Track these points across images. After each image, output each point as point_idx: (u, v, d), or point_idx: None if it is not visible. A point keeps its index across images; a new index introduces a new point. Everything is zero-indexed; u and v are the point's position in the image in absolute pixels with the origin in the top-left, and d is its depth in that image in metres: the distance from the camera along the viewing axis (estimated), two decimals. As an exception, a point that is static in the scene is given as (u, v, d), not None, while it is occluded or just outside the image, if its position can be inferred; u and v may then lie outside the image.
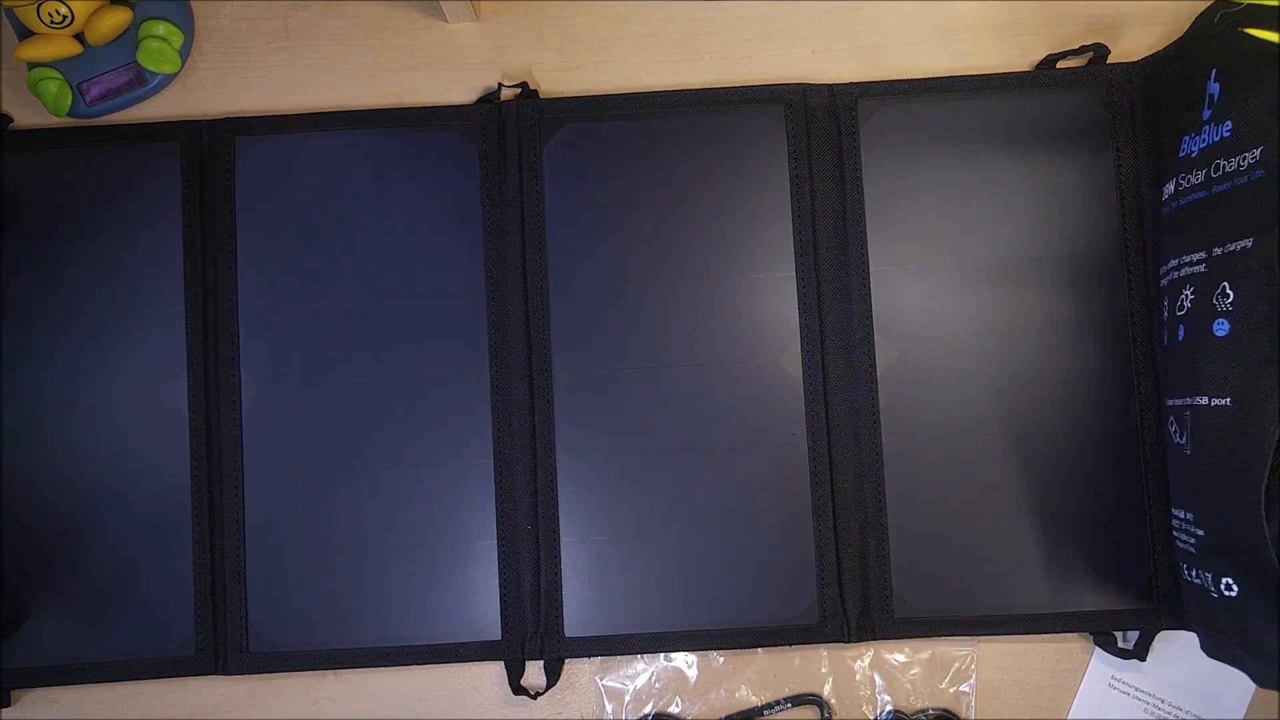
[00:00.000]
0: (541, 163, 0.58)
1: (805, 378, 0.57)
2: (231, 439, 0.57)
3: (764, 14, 0.61)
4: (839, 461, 0.57)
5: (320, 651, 0.56)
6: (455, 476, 0.57)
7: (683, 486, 0.56)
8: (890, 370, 0.57)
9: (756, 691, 0.57)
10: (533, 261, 0.58)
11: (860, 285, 0.57)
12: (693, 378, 0.57)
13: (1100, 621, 0.55)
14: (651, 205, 0.58)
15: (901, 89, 0.58)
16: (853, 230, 0.57)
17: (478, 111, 0.59)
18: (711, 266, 0.58)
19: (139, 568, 0.56)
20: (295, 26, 0.61)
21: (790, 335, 0.57)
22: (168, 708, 0.57)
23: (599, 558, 0.56)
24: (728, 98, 0.59)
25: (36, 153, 0.59)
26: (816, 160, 0.58)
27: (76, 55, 0.59)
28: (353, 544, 0.56)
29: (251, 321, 0.58)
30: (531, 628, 0.56)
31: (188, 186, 0.58)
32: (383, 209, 0.58)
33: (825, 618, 0.56)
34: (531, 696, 0.56)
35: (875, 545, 0.56)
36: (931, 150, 0.57)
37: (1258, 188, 0.46)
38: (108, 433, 0.57)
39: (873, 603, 0.56)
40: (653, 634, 0.56)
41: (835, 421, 0.57)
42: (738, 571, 0.56)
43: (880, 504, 0.56)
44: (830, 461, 0.56)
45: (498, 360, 0.57)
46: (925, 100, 0.58)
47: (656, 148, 0.58)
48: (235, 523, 0.56)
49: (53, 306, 0.58)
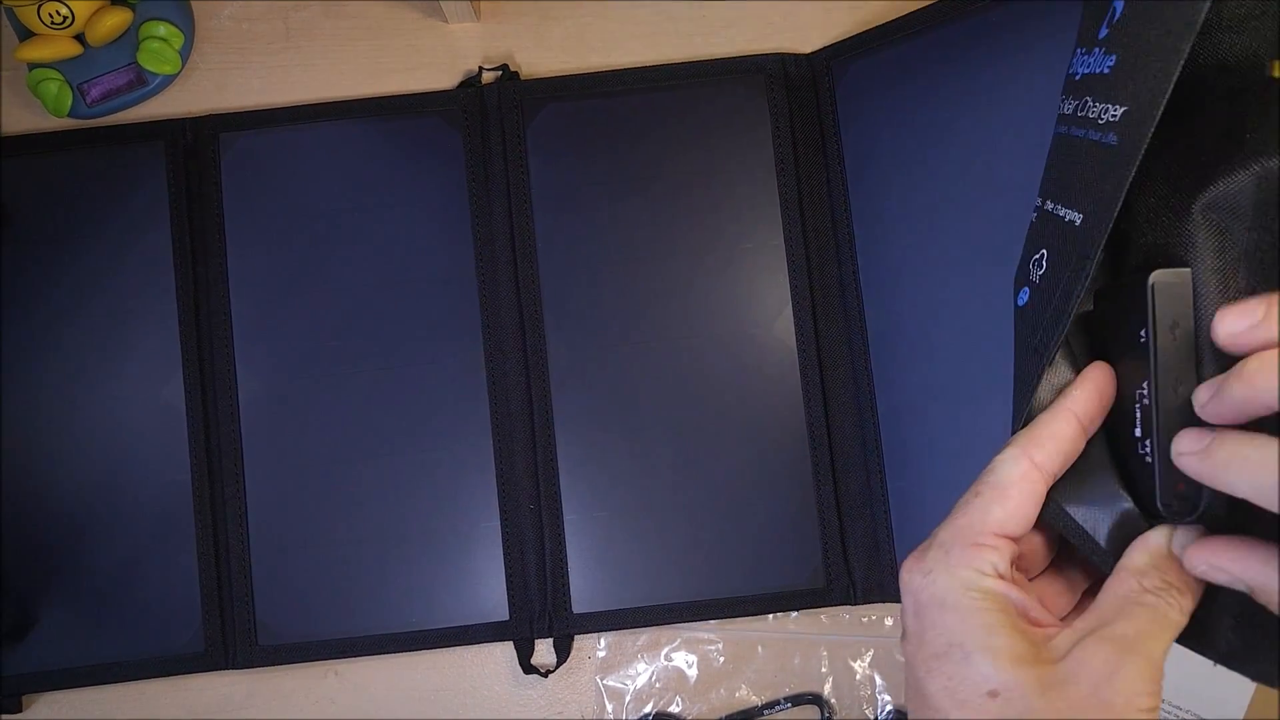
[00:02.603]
0: (525, 144, 0.58)
1: (799, 344, 0.57)
2: (230, 434, 0.57)
3: (764, 14, 0.60)
4: (836, 425, 0.57)
5: (328, 641, 0.56)
6: (455, 460, 0.57)
7: (683, 458, 0.56)
8: (880, 331, 0.57)
9: (757, 691, 0.57)
10: (521, 243, 0.58)
11: (847, 248, 0.57)
12: (687, 350, 0.57)
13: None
14: (638, 181, 0.58)
15: (870, 39, 0.58)
16: (836, 192, 0.58)
17: (460, 96, 0.59)
18: (700, 238, 0.58)
19: (143, 567, 0.56)
20: (295, 27, 0.61)
21: (782, 303, 0.57)
22: (168, 708, 0.57)
23: (603, 533, 0.56)
24: (708, 70, 0.59)
25: (25, 157, 0.59)
26: (798, 126, 0.58)
27: (77, 56, 0.59)
28: (356, 533, 0.56)
29: (245, 316, 0.58)
30: (539, 606, 0.56)
31: (174, 184, 0.59)
32: (370, 198, 0.59)
33: (831, 581, 0.56)
34: (543, 675, 0.56)
35: (878, 507, 0.56)
36: (905, 93, 0.57)
37: (1104, 155, 0.33)
38: (107, 433, 0.57)
39: (879, 564, 0.56)
40: (660, 606, 0.56)
41: (831, 386, 0.57)
42: (742, 540, 0.56)
43: (879, 465, 0.56)
44: (828, 426, 0.57)
45: (492, 343, 0.57)
46: (892, 46, 0.57)
47: (639, 124, 0.59)
48: (238, 517, 0.57)
49: (47, 310, 0.58)
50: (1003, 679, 0.30)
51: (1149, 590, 0.31)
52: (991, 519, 0.32)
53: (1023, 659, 0.30)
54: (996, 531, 0.32)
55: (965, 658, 0.31)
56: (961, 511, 0.33)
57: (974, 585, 0.31)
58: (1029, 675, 0.30)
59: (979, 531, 0.32)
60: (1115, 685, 0.29)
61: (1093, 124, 0.34)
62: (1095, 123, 0.33)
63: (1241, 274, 0.31)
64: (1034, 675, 0.30)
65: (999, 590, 0.31)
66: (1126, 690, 0.29)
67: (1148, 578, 0.31)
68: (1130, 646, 0.30)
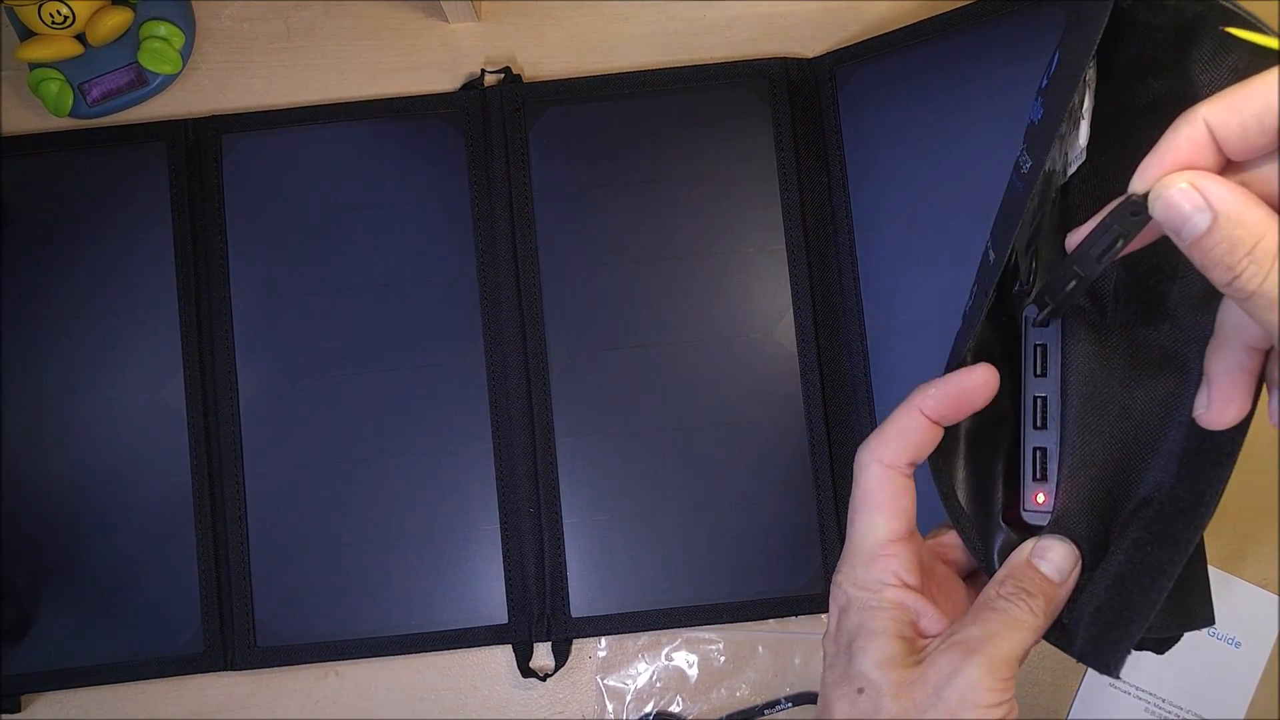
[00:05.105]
0: (528, 147, 0.58)
1: (800, 349, 0.57)
2: (230, 435, 0.57)
3: (765, 16, 0.61)
4: (836, 430, 0.57)
5: (327, 643, 0.56)
6: (455, 463, 0.57)
7: (683, 463, 0.56)
8: (879, 338, 0.57)
9: (757, 691, 0.57)
10: (523, 246, 0.58)
11: (847, 253, 0.57)
12: (688, 354, 0.57)
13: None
14: (639, 185, 0.58)
15: (876, 46, 0.58)
16: (837, 198, 0.58)
17: (462, 99, 0.59)
18: (701, 243, 0.58)
19: (143, 567, 0.56)
20: (296, 27, 0.61)
21: (783, 307, 0.57)
22: (168, 708, 0.57)
23: (602, 537, 0.56)
24: (711, 74, 0.59)
25: (26, 157, 0.59)
26: (800, 131, 0.58)
27: (78, 56, 0.59)
28: (356, 535, 0.57)
29: (246, 317, 0.58)
30: (538, 610, 0.56)
31: (175, 184, 0.59)
32: (372, 199, 0.58)
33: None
34: (541, 678, 0.56)
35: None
36: (908, 102, 0.57)
37: (1010, 205, 0.35)
38: (107, 433, 0.57)
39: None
40: (659, 610, 0.56)
41: (831, 391, 0.57)
42: (742, 544, 0.56)
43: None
44: (828, 431, 0.57)
45: (493, 346, 0.57)
46: (896, 54, 0.57)
47: (642, 127, 0.59)
48: (238, 518, 0.57)
49: (47, 310, 0.58)
50: (870, 678, 0.33)
51: (1001, 595, 0.34)
52: (878, 531, 0.35)
53: (890, 662, 0.33)
54: (887, 539, 0.35)
55: (850, 657, 0.34)
56: (852, 525, 0.36)
57: (876, 592, 0.34)
58: (890, 677, 0.33)
59: (873, 544, 0.35)
60: (954, 684, 0.32)
61: (1017, 170, 0.36)
62: (1019, 170, 0.35)
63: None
64: (894, 677, 0.33)
65: (896, 598, 0.34)
66: (964, 688, 0.31)
67: (1004, 585, 0.34)
68: (974, 648, 0.32)
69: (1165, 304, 0.34)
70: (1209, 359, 0.31)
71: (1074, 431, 0.36)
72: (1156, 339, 0.34)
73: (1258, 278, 0.26)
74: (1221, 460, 0.32)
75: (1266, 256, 0.26)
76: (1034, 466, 0.36)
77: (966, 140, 0.55)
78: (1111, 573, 0.34)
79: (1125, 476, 0.35)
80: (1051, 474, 0.36)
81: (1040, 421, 0.36)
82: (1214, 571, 0.55)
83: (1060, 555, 0.34)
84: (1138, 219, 0.28)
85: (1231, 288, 0.27)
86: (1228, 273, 0.27)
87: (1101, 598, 0.33)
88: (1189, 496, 0.32)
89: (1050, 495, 0.36)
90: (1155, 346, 0.34)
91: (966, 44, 0.55)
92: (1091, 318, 0.36)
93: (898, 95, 0.57)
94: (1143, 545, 0.33)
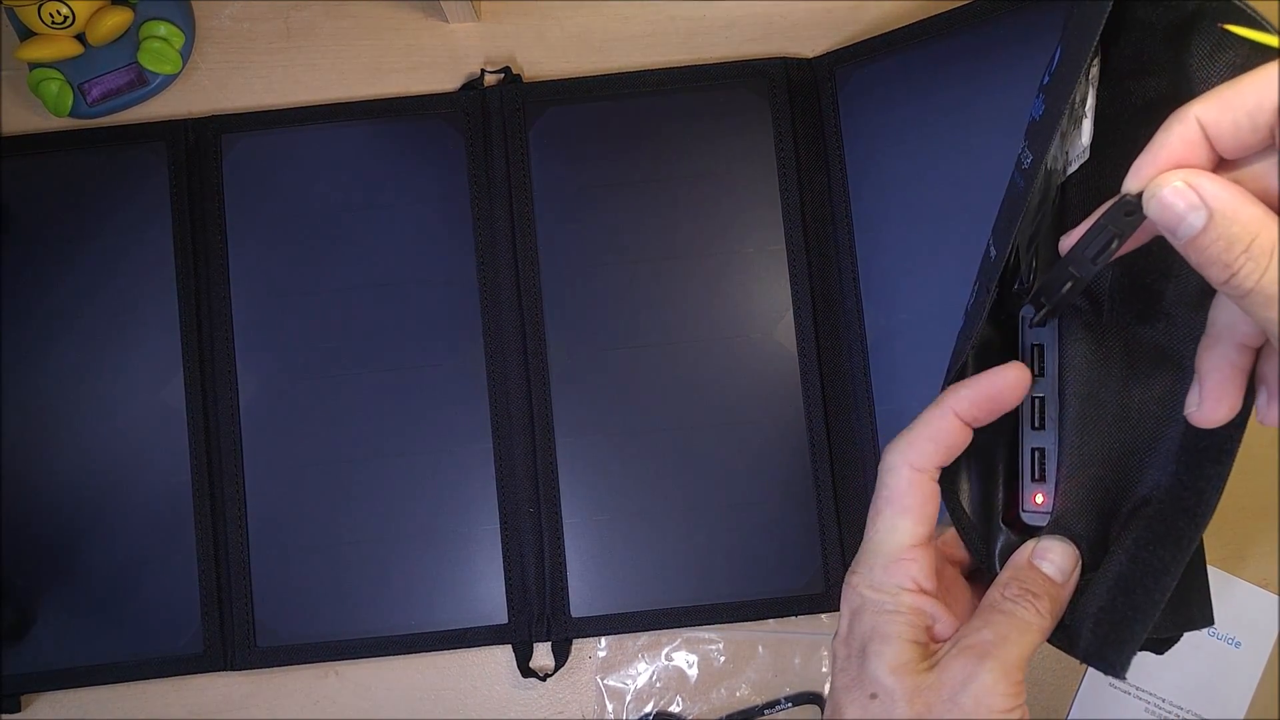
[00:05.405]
0: (528, 147, 0.58)
1: (799, 349, 0.57)
2: (230, 435, 0.57)
3: (765, 16, 0.61)
4: (836, 431, 0.57)
5: (327, 643, 0.56)
6: (456, 463, 0.57)
7: (683, 463, 0.56)
8: (879, 338, 0.56)
9: (757, 691, 0.57)
10: (523, 246, 0.58)
11: (848, 253, 0.57)
12: (688, 354, 0.57)
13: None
14: (639, 184, 0.58)
15: (876, 46, 0.58)
16: (837, 198, 0.58)
17: (462, 99, 0.59)
18: (701, 243, 0.58)
19: (143, 567, 0.56)
20: (296, 27, 0.61)
21: (783, 307, 0.57)
22: (168, 708, 0.57)
23: (602, 537, 0.56)
24: (711, 74, 0.59)
25: (26, 157, 0.59)
26: (800, 131, 0.58)
27: (78, 56, 0.59)
28: (356, 535, 0.57)
29: (246, 317, 0.58)
30: (538, 610, 0.56)
31: (175, 184, 0.59)
32: (372, 200, 0.59)
33: (830, 586, 0.56)
34: (541, 678, 0.56)
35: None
36: (908, 102, 0.57)
37: (1011, 201, 0.35)
38: (107, 433, 0.57)
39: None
40: (659, 610, 0.56)
41: (831, 392, 0.57)
42: (742, 544, 0.56)
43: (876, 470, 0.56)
44: (828, 431, 0.57)
45: (493, 345, 0.57)
46: (896, 54, 0.57)
47: (642, 127, 0.59)
48: (238, 519, 0.57)
49: (48, 310, 0.58)
50: (884, 684, 0.33)
51: (1008, 598, 0.34)
52: (901, 535, 0.35)
53: (904, 667, 0.33)
54: (910, 543, 0.35)
55: (864, 661, 0.34)
56: (873, 527, 0.36)
57: (893, 596, 0.34)
58: (904, 682, 0.33)
59: (895, 548, 0.35)
60: (969, 689, 0.32)
61: (1018, 166, 0.36)
62: (1020, 166, 0.35)
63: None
64: (908, 683, 0.33)
65: (913, 603, 0.34)
66: (979, 693, 0.32)
67: (1008, 588, 0.34)
68: (986, 652, 0.33)
69: (1161, 302, 0.34)
70: (1200, 357, 0.31)
71: (1072, 432, 0.36)
72: (1153, 338, 0.34)
73: (1255, 275, 0.26)
74: (1220, 458, 0.31)
75: (1263, 253, 0.26)
76: (1032, 467, 0.36)
77: (966, 140, 0.55)
78: (1113, 573, 0.34)
79: (1124, 476, 0.35)
80: (1050, 474, 0.36)
81: (1038, 422, 0.36)
82: (1214, 571, 0.55)
83: (1061, 555, 0.34)
84: (1132, 219, 0.28)
85: (1228, 286, 0.27)
86: (1224, 270, 0.27)
87: (1104, 598, 0.33)
88: (1189, 495, 0.32)
89: (1049, 496, 0.36)
90: (1152, 345, 0.34)
91: (966, 44, 0.55)
92: (1088, 317, 0.36)
93: (898, 95, 0.57)
94: (1144, 545, 0.33)
